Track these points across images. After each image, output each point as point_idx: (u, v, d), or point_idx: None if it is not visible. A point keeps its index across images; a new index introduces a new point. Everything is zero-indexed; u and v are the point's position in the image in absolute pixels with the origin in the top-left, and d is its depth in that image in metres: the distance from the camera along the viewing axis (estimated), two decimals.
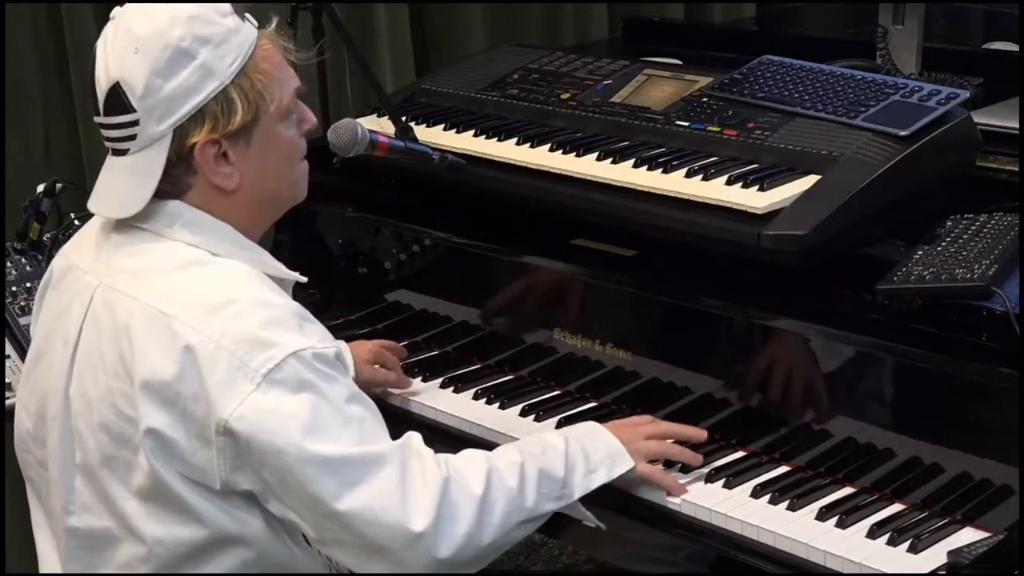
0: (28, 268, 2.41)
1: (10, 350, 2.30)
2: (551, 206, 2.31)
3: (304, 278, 1.89)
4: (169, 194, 1.78)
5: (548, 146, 2.35)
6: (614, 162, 2.25)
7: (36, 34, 2.99)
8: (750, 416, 2.07)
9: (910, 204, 2.08)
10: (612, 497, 1.96)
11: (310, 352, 1.71)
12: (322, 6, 2.63)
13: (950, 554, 1.71)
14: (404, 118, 2.49)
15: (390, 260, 2.58)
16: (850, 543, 1.82)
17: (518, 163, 2.35)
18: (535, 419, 2.22)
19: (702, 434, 2.06)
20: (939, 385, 1.86)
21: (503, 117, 2.53)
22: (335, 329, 1.82)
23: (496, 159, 2.39)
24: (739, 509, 1.92)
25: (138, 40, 1.73)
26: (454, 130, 2.52)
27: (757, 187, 2.06)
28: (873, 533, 1.83)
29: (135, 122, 1.74)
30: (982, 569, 1.67)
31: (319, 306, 2.46)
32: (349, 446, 1.70)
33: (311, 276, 1.91)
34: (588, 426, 2.01)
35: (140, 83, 1.73)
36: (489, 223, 2.43)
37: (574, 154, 2.30)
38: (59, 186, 2.45)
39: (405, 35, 3.42)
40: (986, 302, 1.84)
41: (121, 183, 1.78)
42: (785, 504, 1.92)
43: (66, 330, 1.83)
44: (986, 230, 1.99)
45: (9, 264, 2.41)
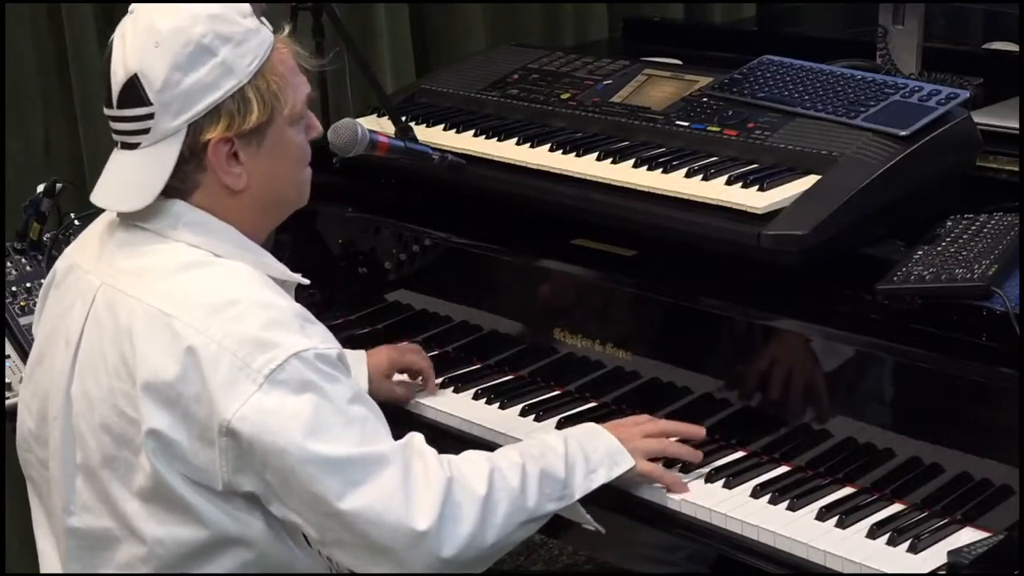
0: (28, 268, 2.41)
1: (10, 350, 2.30)
2: (551, 206, 2.31)
3: (307, 280, 1.89)
4: (177, 192, 1.78)
5: (548, 146, 2.35)
6: (614, 162, 2.25)
7: (36, 34, 2.98)
8: (750, 416, 2.07)
9: (910, 204, 2.08)
10: (612, 497, 1.96)
11: (312, 353, 1.71)
12: (322, 6, 2.63)
13: (950, 554, 1.71)
14: (404, 118, 2.48)
15: (390, 260, 2.58)
16: (850, 543, 1.83)
17: (518, 163, 2.35)
18: (535, 419, 2.22)
19: (700, 431, 2.06)
20: (939, 385, 1.86)
21: (503, 117, 2.53)
22: (335, 329, 1.82)
23: (496, 159, 2.39)
24: (739, 509, 1.92)
25: (159, 34, 1.73)
26: (454, 130, 2.52)
27: (757, 187, 2.06)
28: (873, 533, 1.83)
29: (150, 115, 1.74)
30: (982, 569, 1.67)
31: (319, 306, 2.46)
32: (352, 446, 1.70)
33: (311, 276, 1.91)
34: (587, 427, 2.01)
35: (159, 76, 1.73)
36: (489, 223, 2.43)
37: (574, 154, 2.30)
38: (59, 186, 2.45)
39: (405, 35, 3.42)
40: (986, 302, 1.84)
41: (129, 177, 1.78)
42: (785, 504, 1.92)
43: (68, 330, 1.83)
44: (986, 230, 1.99)
45: (9, 264, 2.40)
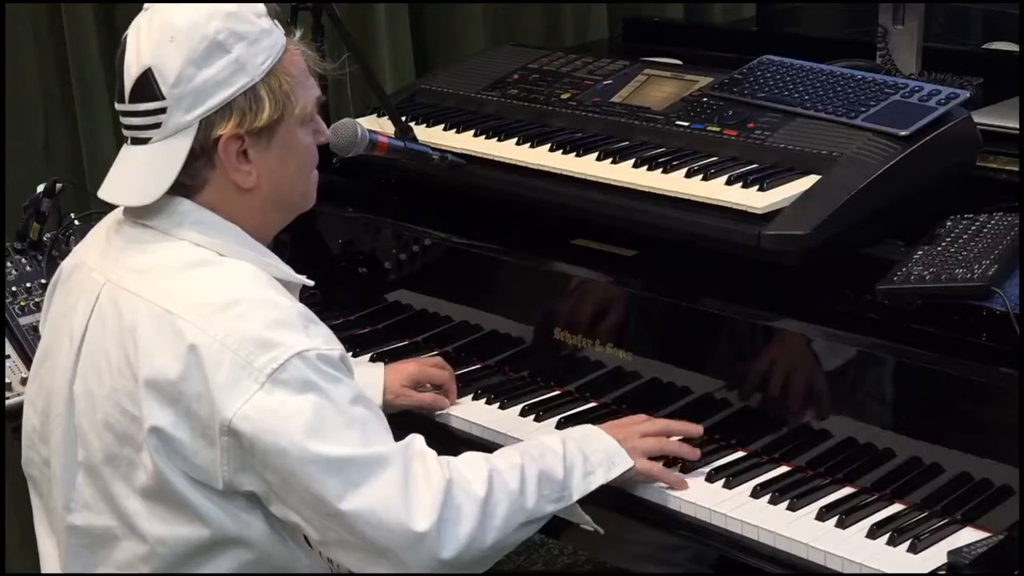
0: (28, 268, 2.41)
1: (10, 350, 2.30)
2: (551, 206, 2.31)
3: (311, 282, 1.90)
4: (185, 189, 1.79)
5: (548, 146, 2.35)
6: (614, 162, 2.25)
7: (36, 34, 2.99)
8: (750, 416, 2.07)
9: (910, 204, 2.08)
10: (612, 497, 1.96)
11: (314, 353, 1.71)
12: (322, 6, 2.63)
13: (950, 554, 1.71)
14: (404, 118, 2.48)
15: (390, 260, 2.58)
16: (850, 543, 1.82)
17: (518, 163, 2.35)
18: (535, 419, 2.22)
19: (698, 429, 2.07)
20: (939, 385, 1.86)
21: (503, 117, 2.52)
22: (335, 329, 1.82)
23: (496, 159, 2.39)
24: (739, 509, 1.92)
25: (175, 30, 1.74)
26: (454, 130, 2.52)
27: (757, 187, 2.06)
28: (873, 533, 1.83)
29: (162, 110, 1.75)
30: (982, 569, 1.67)
31: (319, 306, 2.46)
32: (352, 447, 1.70)
33: (311, 276, 1.91)
34: (586, 428, 2.01)
35: (173, 71, 1.73)
36: (489, 223, 2.43)
37: (574, 154, 2.30)
38: (59, 186, 2.45)
39: (405, 35, 3.42)
40: (986, 302, 1.84)
41: (138, 172, 1.79)
42: (785, 504, 1.92)
43: (72, 327, 1.83)
44: (986, 230, 1.99)
45: (9, 264, 2.41)
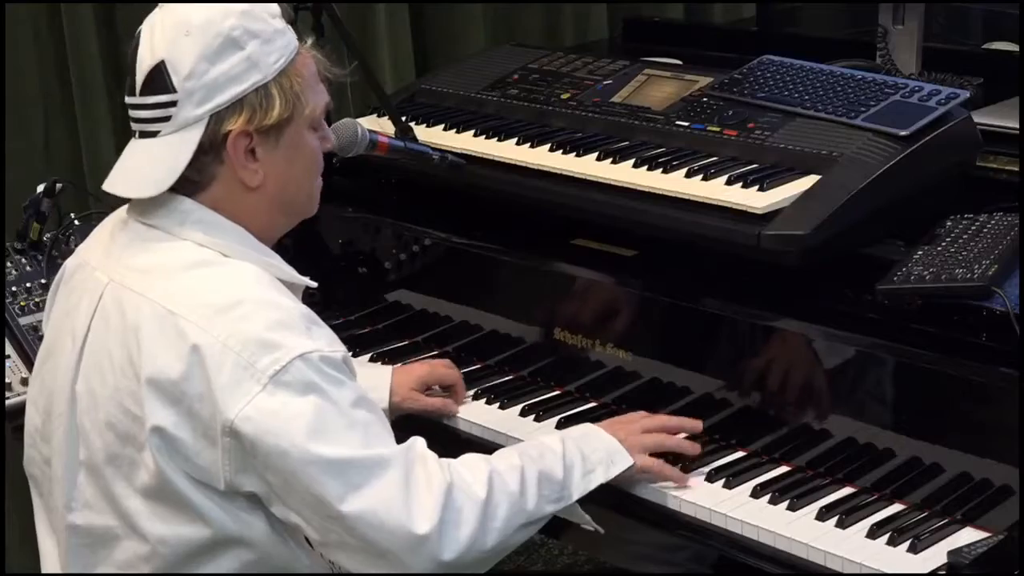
0: (28, 268, 2.41)
1: (10, 350, 2.30)
2: (551, 206, 2.31)
3: (314, 283, 1.90)
4: (192, 185, 1.78)
5: (548, 146, 2.35)
6: (614, 162, 2.25)
7: (36, 34, 2.99)
8: (750, 416, 2.07)
9: (910, 204, 2.08)
10: (612, 497, 1.96)
11: (317, 355, 1.71)
12: (322, 6, 2.63)
13: (950, 554, 1.71)
14: (404, 118, 2.49)
15: (390, 260, 2.58)
16: (850, 543, 1.82)
17: (518, 163, 2.35)
18: (535, 419, 2.22)
19: (697, 424, 2.07)
20: (939, 385, 1.86)
21: (503, 117, 2.52)
22: (335, 329, 1.82)
23: (496, 159, 2.39)
24: (739, 509, 1.92)
25: (191, 25, 1.75)
26: (454, 130, 2.52)
27: (757, 187, 2.06)
28: (873, 533, 1.83)
29: (173, 103, 1.75)
30: (982, 569, 1.67)
31: (319, 306, 2.46)
32: (354, 449, 1.70)
33: (311, 276, 1.91)
34: (585, 427, 2.01)
35: (187, 64, 1.74)
36: (489, 223, 2.43)
37: (574, 154, 2.30)
38: (59, 186, 2.45)
39: (405, 35, 3.42)
40: (986, 302, 1.84)
41: (145, 165, 1.79)
42: (785, 504, 1.92)
43: (74, 327, 1.83)
44: (986, 230, 1.99)
45: (9, 264, 2.40)
